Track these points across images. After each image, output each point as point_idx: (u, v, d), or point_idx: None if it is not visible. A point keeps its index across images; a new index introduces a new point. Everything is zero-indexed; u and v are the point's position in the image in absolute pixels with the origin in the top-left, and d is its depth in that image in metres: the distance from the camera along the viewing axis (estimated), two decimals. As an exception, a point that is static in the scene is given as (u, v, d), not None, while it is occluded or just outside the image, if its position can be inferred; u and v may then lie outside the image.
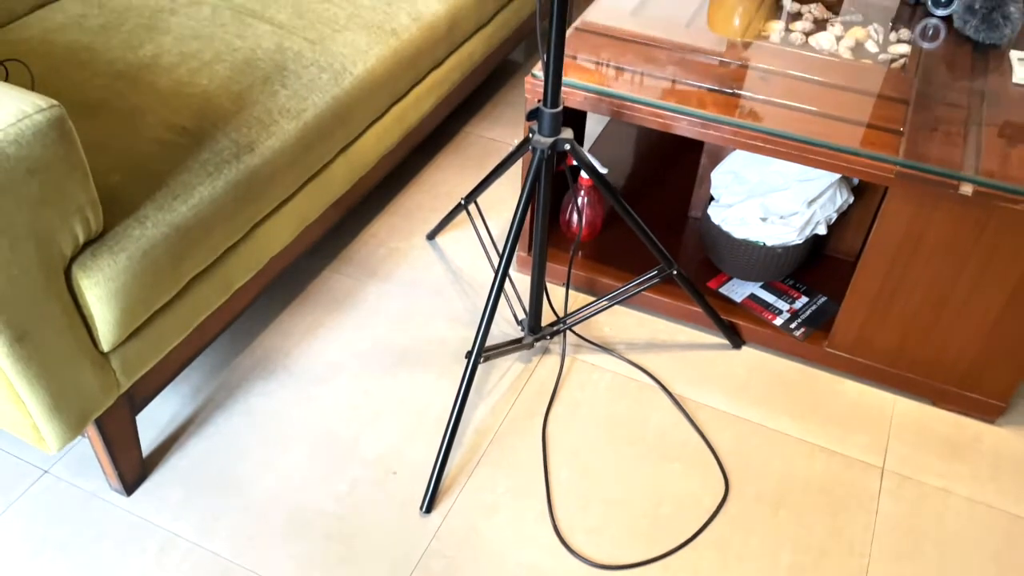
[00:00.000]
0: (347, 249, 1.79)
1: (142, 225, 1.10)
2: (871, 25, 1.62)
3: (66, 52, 1.36)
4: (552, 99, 1.24)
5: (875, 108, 1.37)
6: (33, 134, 0.91)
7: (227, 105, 1.30)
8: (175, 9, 1.50)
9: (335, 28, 1.53)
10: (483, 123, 2.20)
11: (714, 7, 1.68)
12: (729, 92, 1.41)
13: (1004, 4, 1.51)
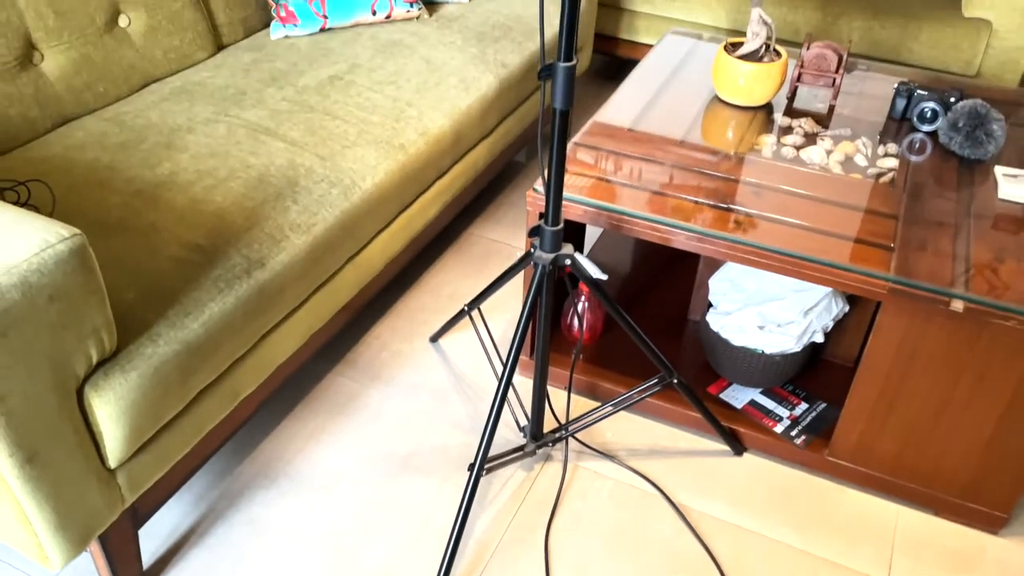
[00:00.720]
0: (351, 352, 1.81)
1: (154, 343, 1.13)
2: (859, 139, 1.69)
3: (87, 170, 1.42)
4: (553, 218, 1.28)
5: (866, 223, 1.42)
6: (55, 263, 0.95)
7: (240, 221, 1.35)
8: (192, 127, 1.57)
9: (345, 144, 1.59)
10: (486, 224, 2.26)
11: (708, 120, 1.75)
12: (724, 207, 1.46)
13: (987, 122, 1.57)
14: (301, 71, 1.81)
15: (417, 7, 2.10)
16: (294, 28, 1.97)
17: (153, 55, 1.75)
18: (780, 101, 1.83)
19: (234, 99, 1.68)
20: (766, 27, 1.74)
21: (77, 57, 1.60)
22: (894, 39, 2.35)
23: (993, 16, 2.25)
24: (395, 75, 1.85)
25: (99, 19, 1.64)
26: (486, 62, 1.99)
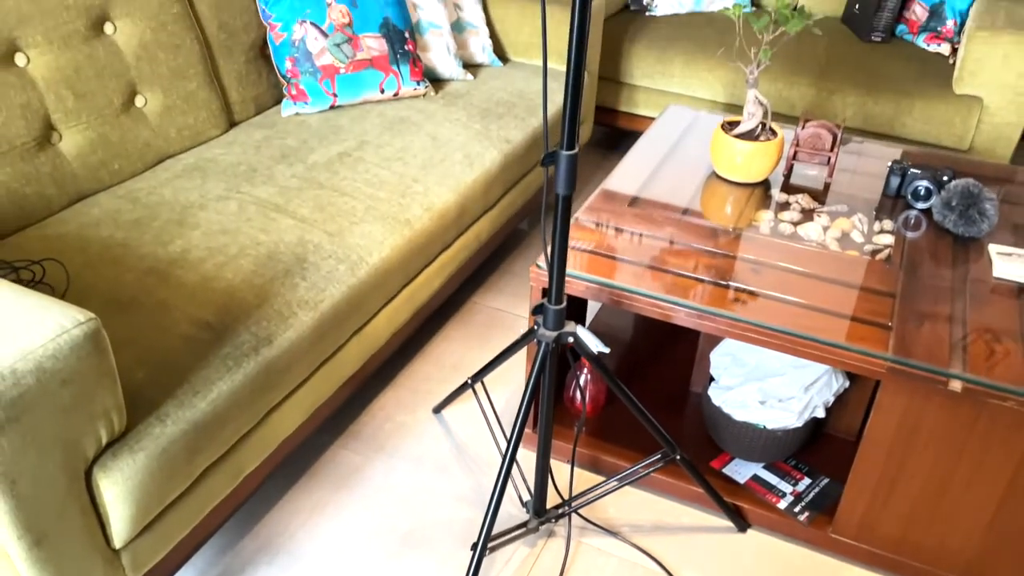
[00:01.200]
0: (354, 423, 1.82)
1: (162, 423, 1.15)
2: (856, 215, 1.73)
3: (101, 248, 1.45)
4: (556, 297, 1.31)
5: (863, 301, 1.44)
6: (70, 348, 0.97)
7: (249, 299, 1.38)
8: (204, 204, 1.61)
9: (353, 221, 1.63)
10: (489, 293, 2.29)
11: (708, 196, 1.79)
12: (724, 284, 1.49)
13: (980, 201, 1.61)
14: (311, 148, 1.86)
15: (424, 85, 2.17)
16: (304, 106, 2.03)
17: (167, 133, 1.81)
18: (777, 177, 1.87)
19: (245, 176, 1.73)
20: (762, 107, 1.80)
21: (94, 136, 1.66)
22: (887, 114, 2.42)
23: (984, 93, 2.32)
24: (402, 151, 1.90)
25: (116, 100, 1.70)
26: (490, 138, 2.04)
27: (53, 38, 1.57)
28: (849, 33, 2.79)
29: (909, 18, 2.69)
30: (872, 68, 2.51)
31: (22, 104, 1.53)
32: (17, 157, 1.52)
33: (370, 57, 2.06)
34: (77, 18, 1.62)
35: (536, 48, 2.49)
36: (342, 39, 2.03)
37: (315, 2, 2.00)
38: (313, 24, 2.00)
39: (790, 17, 1.69)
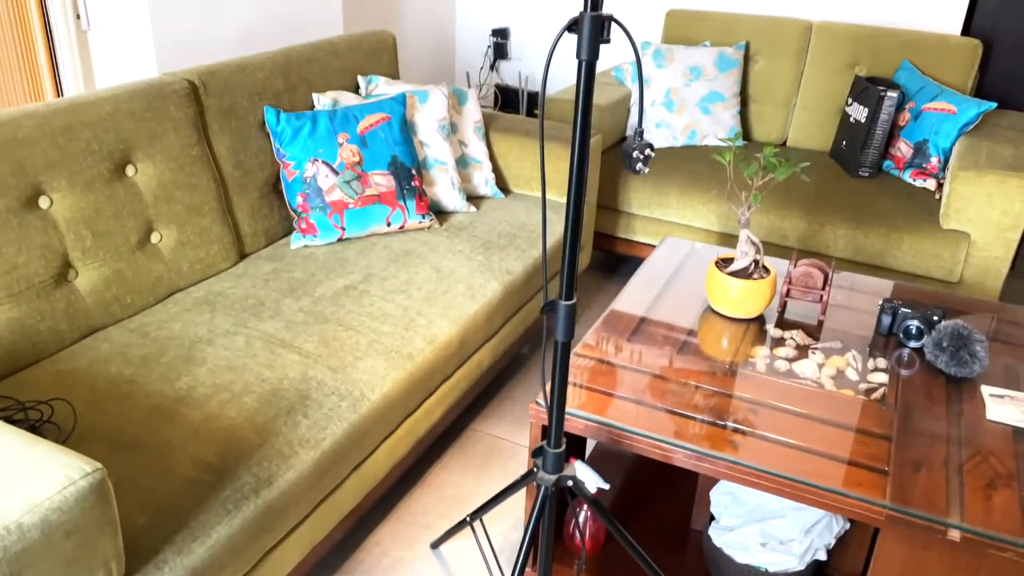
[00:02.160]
0: (352, 559, 1.80)
1: (159, 570, 1.14)
2: (850, 353, 1.76)
3: (109, 384, 1.48)
4: (555, 440, 1.33)
5: (860, 444, 1.45)
6: (75, 500, 0.98)
7: (252, 437, 1.39)
8: (212, 339, 1.65)
9: (357, 355, 1.67)
10: (489, 420, 2.30)
11: (704, 332, 1.83)
12: (722, 424, 1.51)
13: (970, 343, 1.65)
14: (318, 281, 1.92)
15: (429, 218, 2.25)
16: (313, 239, 2.11)
17: (180, 267, 1.87)
18: (771, 313, 1.92)
19: (253, 310, 1.78)
20: (754, 247, 1.86)
21: (109, 273, 1.71)
22: (877, 247, 2.49)
23: (970, 229, 2.40)
24: (406, 284, 1.95)
25: (133, 238, 1.77)
26: (492, 269, 2.11)
27: (76, 182, 1.65)
28: (838, 168, 2.90)
29: (895, 155, 2.80)
30: (861, 202, 2.60)
31: (43, 244, 1.59)
32: (34, 295, 1.57)
33: (378, 193, 2.15)
34: (101, 162, 1.70)
35: (537, 180, 2.59)
36: (352, 176, 2.12)
37: (327, 142, 2.11)
38: (325, 163, 2.10)
39: (778, 165, 1.78)
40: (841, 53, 3.01)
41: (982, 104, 2.60)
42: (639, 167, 1.22)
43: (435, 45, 3.90)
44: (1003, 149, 2.50)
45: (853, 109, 2.84)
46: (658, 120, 3.05)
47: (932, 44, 2.89)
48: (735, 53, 3.10)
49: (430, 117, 2.37)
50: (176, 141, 1.87)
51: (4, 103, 2.08)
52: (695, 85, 3.04)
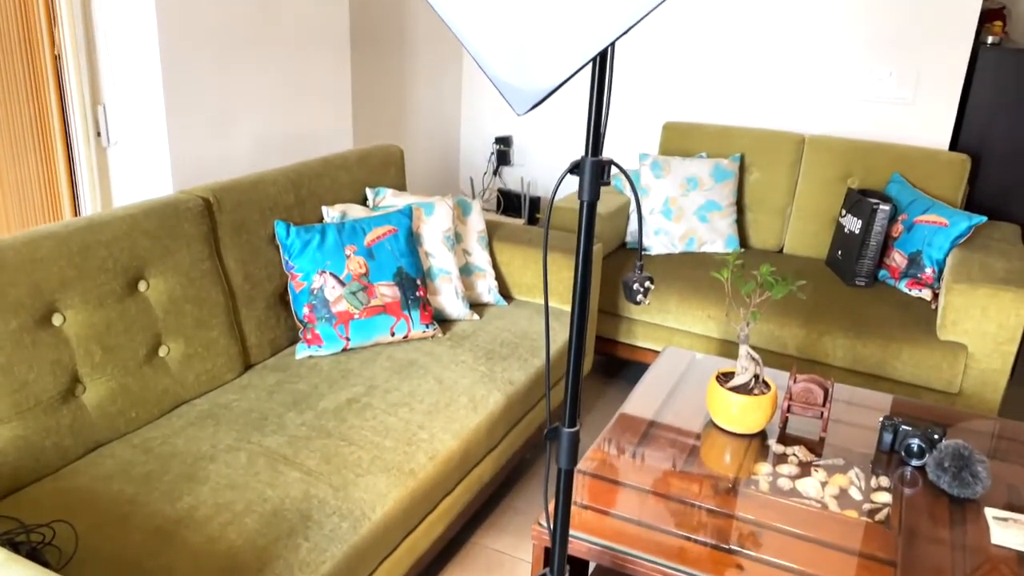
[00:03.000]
0: None
1: None
2: (852, 470, 1.76)
3: (110, 504, 1.48)
4: (558, 571, 1.32)
5: (865, 571, 1.44)
6: (74, 638, 0.98)
7: (252, 562, 1.38)
8: (215, 455, 1.65)
9: (358, 472, 1.67)
10: (490, 533, 2.27)
11: (707, 448, 1.83)
12: (726, 548, 1.49)
13: (971, 463, 1.65)
14: (322, 393, 1.94)
15: (432, 327, 2.28)
16: (318, 349, 2.14)
17: (186, 379, 1.89)
18: (773, 428, 1.93)
19: (256, 424, 1.79)
20: (754, 362, 1.89)
21: (116, 387, 1.73)
22: (876, 357, 2.51)
23: (967, 341, 2.43)
24: (409, 396, 1.97)
25: (141, 351, 1.80)
26: (494, 380, 2.12)
27: (90, 299, 1.69)
28: (834, 276, 2.96)
29: (890, 264, 2.86)
30: (858, 312, 2.64)
31: (53, 361, 1.62)
32: (41, 412, 1.59)
33: (383, 303, 2.19)
34: (115, 279, 1.75)
35: (538, 288, 2.64)
36: (358, 287, 2.17)
37: (335, 254, 2.16)
38: (332, 274, 2.15)
39: (774, 283, 1.82)
40: (833, 166, 3.11)
41: (973, 217, 2.67)
42: (640, 298, 1.26)
43: (441, 153, 4.03)
44: (995, 262, 2.56)
45: (847, 220, 2.91)
46: (657, 227, 3.13)
47: (922, 158, 2.99)
48: (730, 164, 3.20)
49: (435, 228, 2.44)
50: (188, 256, 1.92)
51: (25, 220, 2.14)
52: (692, 195, 3.13)
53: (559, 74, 0.89)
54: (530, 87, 0.89)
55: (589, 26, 0.88)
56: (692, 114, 3.60)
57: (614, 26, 0.89)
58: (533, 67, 0.89)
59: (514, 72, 0.90)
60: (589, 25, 0.88)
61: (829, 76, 3.27)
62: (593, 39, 0.89)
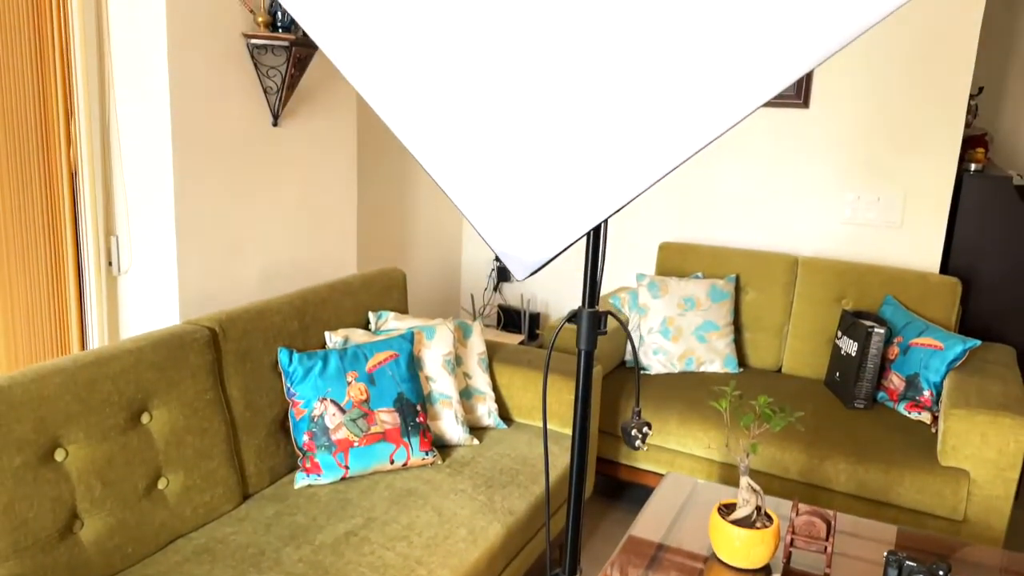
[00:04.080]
0: None
1: None
2: (858, 610, 1.73)
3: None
4: None
5: None
6: None
7: None
8: (210, 596, 1.63)
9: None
10: (489, 669, 2.19)
11: (709, 586, 1.80)
12: None
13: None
14: (320, 526, 1.92)
15: (432, 455, 2.28)
16: (317, 478, 2.13)
17: (183, 512, 1.88)
18: (777, 562, 1.90)
19: (253, 560, 1.77)
20: (755, 494, 1.88)
21: (114, 523, 1.72)
22: (879, 482, 2.49)
23: (969, 467, 2.42)
24: (407, 529, 1.95)
25: (141, 485, 1.79)
26: (494, 510, 2.10)
27: (93, 433, 1.71)
28: (833, 398, 2.97)
29: (888, 387, 2.88)
30: (859, 436, 2.64)
31: (53, 498, 1.62)
32: (39, 550, 1.58)
33: (383, 430, 2.20)
34: (119, 412, 1.77)
35: (538, 411, 2.64)
36: (358, 414, 2.18)
37: (336, 381, 2.19)
38: (333, 401, 2.17)
39: (772, 415, 1.84)
40: (827, 287, 3.17)
41: (967, 341, 2.71)
42: (638, 444, 1.28)
43: (442, 270, 4.11)
44: (992, 386, 2.57)
45: (843, 342, 2.94)
46: (656, 347, 3.16)
47: (913, 281, 3.05)
48: (726, 285, 3.26)
49: (436, 352, 2.47)
50: (192, 387, 1.94)
51: (33, 346, 2.18)
52: (690, 315, 3.18)
53: (556, 245, 0.94)
54: (529, 257, 0.94)
55: (586, 202, 0.94)
56: (687, 234, 3.69)
57: (610, 202, 0.94)
58: (531, 239, 0.94)
59: (513, 243, 0.95)
60: (586, 201, 0.94)
61: (819, 199, 3.38)
62: (589, 214, 0.94)
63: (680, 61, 0.85)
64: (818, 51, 0.79)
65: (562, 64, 0.90)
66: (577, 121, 0.91)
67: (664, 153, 0.88)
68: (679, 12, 0.84)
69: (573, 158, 0.91)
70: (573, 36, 0.89)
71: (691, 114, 0.86)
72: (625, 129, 0.89)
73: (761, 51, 0.82)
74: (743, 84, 0.83)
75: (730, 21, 0.83)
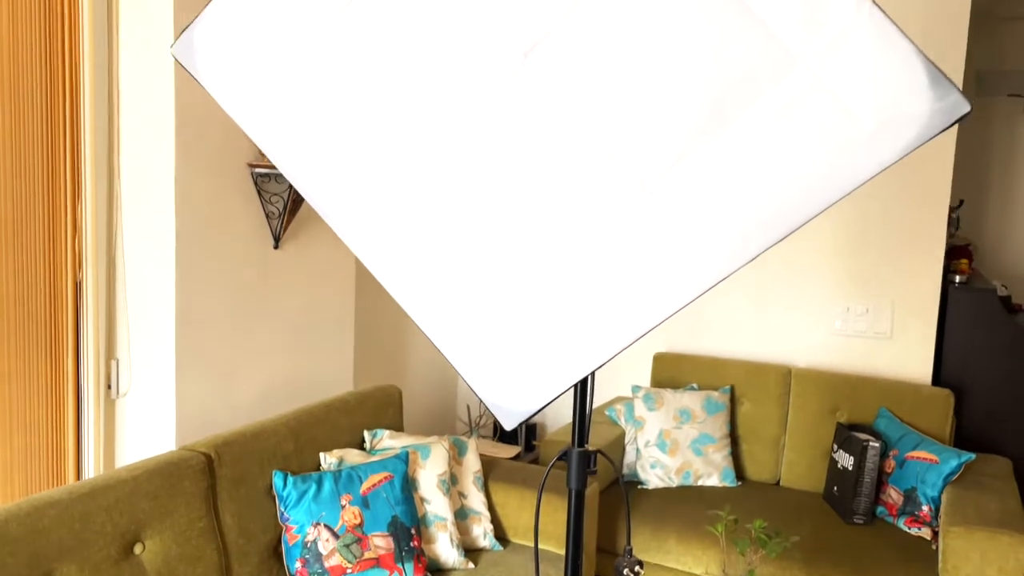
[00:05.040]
0: None
1: None
2: None
3: None
4: None
5: None
6: None
7: None
8: None
9: None
10: None
11: None
12: None
13: None
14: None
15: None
16: (309, 607, 2.09)
17: (172, 646, 1.84)
18: None
19: None
20: (754, 623, 1.85)
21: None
22: (882, 603, 2.45)
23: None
24: (401, 661, 1.91)
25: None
26: (489, 639, 2.06)
27: (85, 567, 1.70)
28: (832, 513, 2.94)
29: (886, 501, 2.86)
30: (859, 554, 2.60)
31: None
32: None
33: (377, 556, 2.18)
34: (112, 543, 1.76)
35: (535, 531, 2.61)
36: (352, 539, 2.16)
37: (330, 505, 2.18)
38: (327, 526, 2.15)
39: (767, 540, 1.83)
40: (821, 399, 3.19)
41: (962, 455, 2.71)
42: (629, 583, 1.28)
43: (438, 381, 4.13)
44: (989, 501, 2.56)
45: (840, 456, 2.94)
46: (653, 461, 3.15)
47: (906, 393, 3.07)
48: (721, 396, 3.28)
49: (431, 472, 2.46)
50: (186, 515, 1.94)
51: (29, 471, 2.18)
52: (686, 427, 3.19)
53: (543, 397, 0.98)
54: (517, 408, 0.98)
55: (572, 356, 0.98)
56: (681, 342, 3.73)
57: (596, 355, 0.99)
58: (519, 391, 0.98)
59: (501, 395, 0.99)
60: (572, 355, 0.98)
61: (809, 310, 3.44)
62: (575, 367, 0.98)
63: (664, 229, 0.92)
64: (781, 227, 0.86)
65: (552, 228, 0.96)
66: (566, 276, 0.96)
67: (652, 308, 0.93)
68: (660, 190, 0.90)
69: (560, 312, 0.96)
70: (560, 207, 0.95)
71: (678, 273, 0.92)
72: (613, 284, 0.94)
73: (735, 225, 0.88)
74: (724, 248, 0.89)
75: (707, 196, 0.89)
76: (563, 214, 0.94)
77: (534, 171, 0.93)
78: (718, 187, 0.87)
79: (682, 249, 0.89)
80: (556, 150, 0.90)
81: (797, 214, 0.85)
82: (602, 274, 0.93)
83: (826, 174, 0.84)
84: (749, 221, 0.86)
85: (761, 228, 0.86)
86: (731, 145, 0.84)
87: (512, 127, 0.92)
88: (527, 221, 0.95)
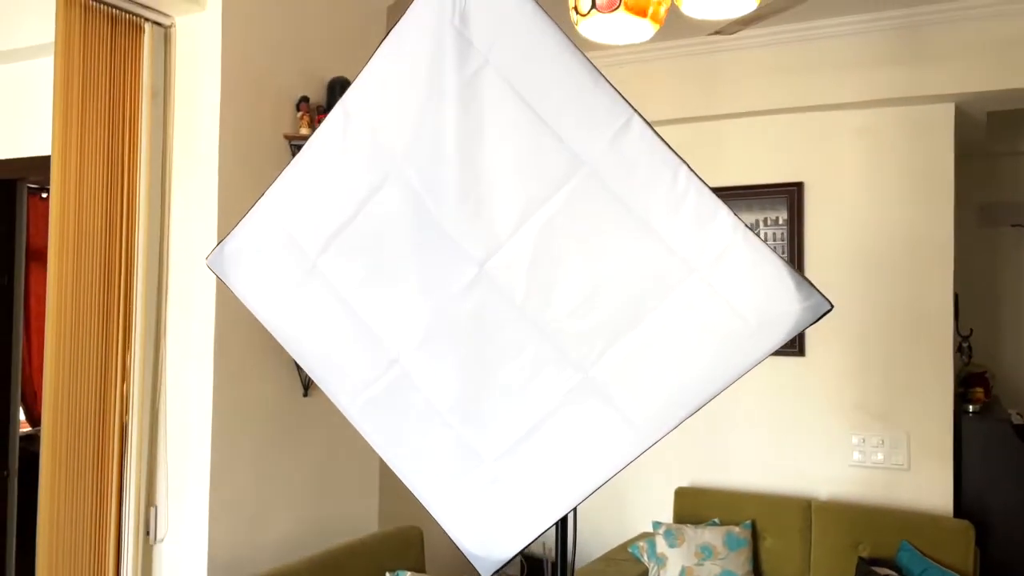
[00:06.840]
0: None
1: None
2: None
3: None
4: None
5: None
6: None
7: None
8: None
9: None
10: None
11: None
12: None
13: None
14: None
15: None
16: None
17: None
18: None
19: None
20: None
21: None
22: None
23: None
24: None
25: None
26: None
27: None
28: (859, 652, 2.89)
29: (913, 639, 2.81)
30: None
31: None
32: None
33: None
34: None
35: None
36: None
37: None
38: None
39: None
40: (842, 533, 3.19)
41: (984, 590, 2.69)
42: None
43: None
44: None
45: (862, 592, 2.92)
46: (676, 599, 3.15)
47: (926, 525, 3.07)
48: (742, 532, 3.30)
49: (451, 614, 2.52)
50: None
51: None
52: (708, 564, 3.20)
53: (519, 542, 1.11)
54: (493, 556, 1.11)
55: (545, 502, 1.12)
56: (702, 476, 3.76)
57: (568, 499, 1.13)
58: (495, 539, 1.11)
59: (478, 543, 1.12)
60: (545, 501, 1.12)
61: (826, 443, 3.48)
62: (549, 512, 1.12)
63: (597, 405, 1.08)
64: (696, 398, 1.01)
65: (509, 410, 1.13)
66: (519, 449, 1.12)
67: (591, 473, 1.07)
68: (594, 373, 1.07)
69: (516, 477, 1.11)
70: (513, 394, 1.12)
71: (610, 441, 1.07)
72: (551, 457, 1.09)
73: (655, 402, 1.04)
74: (648, 423, 1.04)
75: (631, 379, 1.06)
76: (517, 399, 1.11)
77: (494, 374, 1.12)
78: (640, 371, 1.03)
79: (611, 422, 1.05)
80: (510, 352, 1.10)
81: (702, 393, 1.00)
82: (541, 448, 1.09)
83: (724, 360, 1.00)
84: (665, 400, 1.01)
85: (676, 406, 1.01)
86: (647, 337, 1.01)
87: (474, 334, 1.12)
88: (488, 403, 1.12)
